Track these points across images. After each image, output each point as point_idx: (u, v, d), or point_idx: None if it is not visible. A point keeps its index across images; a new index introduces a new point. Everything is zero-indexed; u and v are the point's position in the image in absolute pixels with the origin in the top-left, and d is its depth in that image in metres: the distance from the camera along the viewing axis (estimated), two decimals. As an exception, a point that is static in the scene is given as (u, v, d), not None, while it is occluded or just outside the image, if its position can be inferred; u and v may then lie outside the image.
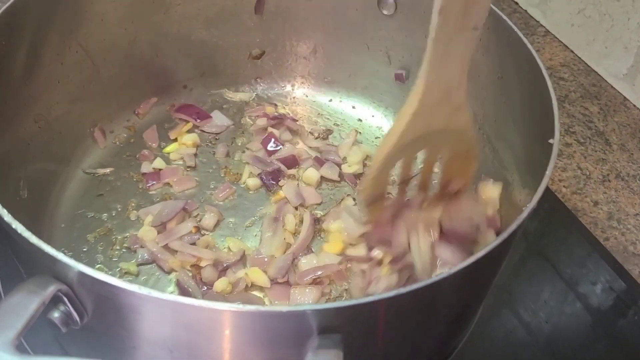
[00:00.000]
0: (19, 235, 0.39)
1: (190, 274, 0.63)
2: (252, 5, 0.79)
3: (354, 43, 0.81)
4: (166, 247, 0.65)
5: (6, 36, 0.57)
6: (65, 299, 0.40)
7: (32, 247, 0.38)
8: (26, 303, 0.36)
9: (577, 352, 0.65)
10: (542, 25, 1.08)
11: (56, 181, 0.69)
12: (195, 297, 0.60)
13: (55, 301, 0.40)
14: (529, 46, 0.60)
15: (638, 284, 0.71)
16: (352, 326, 0.39)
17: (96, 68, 0.72)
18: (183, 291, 0.62)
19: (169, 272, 0.64)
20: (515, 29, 0.63)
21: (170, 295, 0.36)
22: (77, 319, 0.41)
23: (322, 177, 0.74)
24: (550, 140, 0.51)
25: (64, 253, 0.62)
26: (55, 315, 0.40)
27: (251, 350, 0.39)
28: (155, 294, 0.36)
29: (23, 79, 0.61)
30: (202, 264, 0.64)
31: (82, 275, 0.38)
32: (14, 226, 0.39)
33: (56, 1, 0.63)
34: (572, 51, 1.03)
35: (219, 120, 0.81)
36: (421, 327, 0.46)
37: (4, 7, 0.56)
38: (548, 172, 0.47)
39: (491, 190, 0.61)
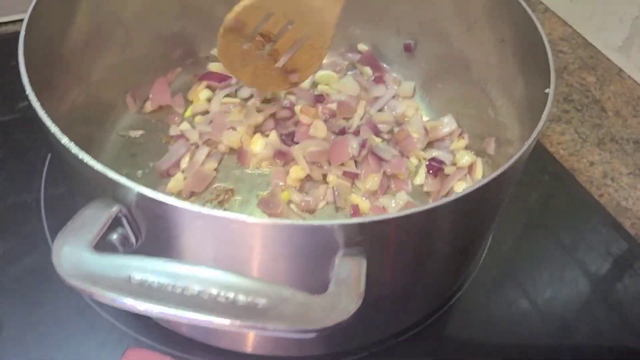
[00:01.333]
0: (85, 164, 0.44)
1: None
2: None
3: (365, 15, 0.87)
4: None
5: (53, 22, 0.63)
6: (124, 221, 0.46)
7: (96, 174, 0.44)
8: (98, 215, 0.42)
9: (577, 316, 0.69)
10: (542, 2, 1.14)
11: (93, 144, 0.75)
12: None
13: (114, 224, 0.46)
14: (529, 10, 0.65)
15: (630, 235, 0.77)
16: (372, 241, 0.45)
17: (129, 37, 0.77)
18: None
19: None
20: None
21: (213, 210, 0.42)
22: (133, 240, 0.47)
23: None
24: (547, 90, 0.56)
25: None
26: (114, 237, 0.46)
27: (285, 260, 0.45)
28: (205, 210, 0.42)
29: (73, 56, 0.66)
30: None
31: (140, 196, 0.44)
32: (80, 157, 0.45)
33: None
34: (570, 26, 1.09)
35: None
36: (428, 249, 0.52)
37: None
38: (545, 114, 0.53)
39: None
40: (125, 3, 0.75)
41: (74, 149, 0.45)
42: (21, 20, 0.53)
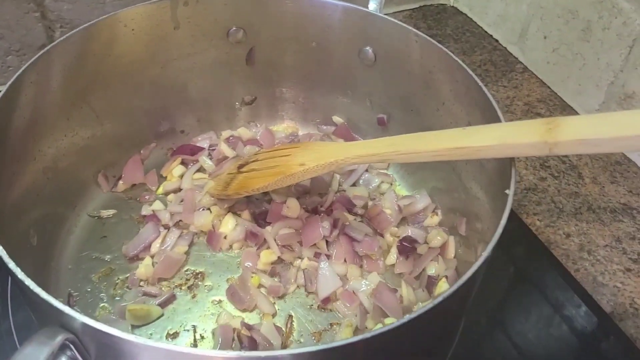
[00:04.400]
0: (31, 291, 0.44)
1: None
2: (243, 58, 0.85)
3: (338, 90, 0.87)
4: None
5: (18, 103, 0.63)
6: (72, 347, 0.45)
7: (43, 301, 0.44)
8: (37, 354, 0.41)
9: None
10: (520, 62, 1.15)
11: (63, 225, 0.75)
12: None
13: (63, 348, 0.45)
14: (493, 101, 0.65)
15: (606, 314, 0.76)
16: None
17: (99, 120, 0.78)
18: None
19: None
20: (476, 79, 0.68)
21: (163, 343, 0.42)
22: (83, 363, 0.46)
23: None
24: (507, 191, 0.56)
25: (71, 293, 0.69)
26: None
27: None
28: (149, 342, 0.42)
29: (33, 136, 0.67)
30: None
31: (85, 325, 0.43)
32: (26, 283, 0.44)
33: (62, 68, 0.69)
34: (548, 87, 1.09)
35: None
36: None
37: (16, 74, 0.62)
38: (502, 222, 0.52)
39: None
40: (92, 84, 0.75)
41: (20, 274, 0.45)
42: None
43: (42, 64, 0.66)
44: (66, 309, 0.43)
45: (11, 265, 0.46)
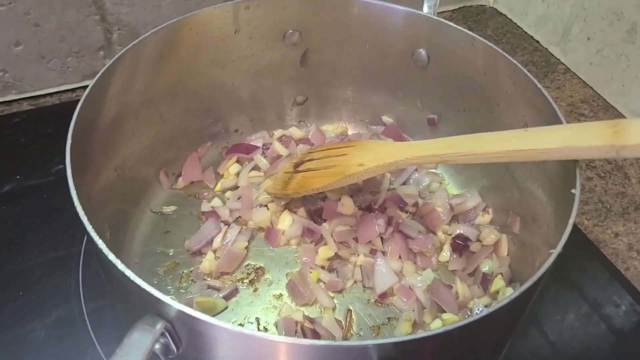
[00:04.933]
0: (131, 281, 0.47)
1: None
2: (297, 59, 0.88)
3: (388, 90, 0.89)
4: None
5: (98, 104, 0.66)
6: (166, 333, 0.48)
7: (142, 290, 0.47)
8: (143, 340, 0.44)
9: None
10: (562, 63, 1.16)
11: (129, 221, 0.78)
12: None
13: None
14: (551, 101, 0.67)
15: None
16: (406, 357, 0.46)
17: (163, 120, 0.81)
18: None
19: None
20: (535, 81, 0.70)
21: (243, 328, 0.45)
22: (175, 349, 0.49)
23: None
24: (573, 190, 0.58)
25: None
26: (157, 347, 0.48)
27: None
28: (232, 327, 0.45)
29: (108, 137, 0.70)
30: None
31: (181, 313, 0.46)
32: (127, 274, 0.47)
33: (134, 69, 0.72)
34: (591, 87, 1.10)
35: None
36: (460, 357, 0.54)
37: (93, 82, 0.65)
38: (571, 221, 0.54)
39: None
40: (159, 85, 0.78)
41: (120, 265, 0.48)
42: (56, 94, 0.55)
43: (118, 65, 0.69)
44: (165, 298, 0.46)
45: (111, 257, 0.48)
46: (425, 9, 0.81)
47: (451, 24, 0.77)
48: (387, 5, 0.79)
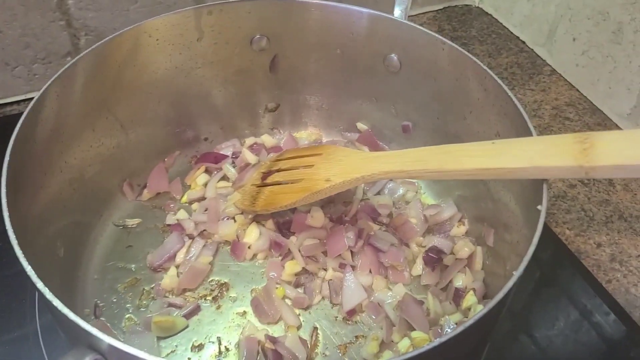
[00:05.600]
0: (59, 312, 0.44)
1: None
2: (267, 65, 0.85)
3: (362, 96, 0.86)
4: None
5: (45, 115, 0.63)
6: (100, 366, 0.45)
7: (71, 322, 0.44)
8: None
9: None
10: (548, 65, 1.12)
11: (89, 235, 0.75)
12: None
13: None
14: (520, 107, 0.63)
15: (636, 324, 0.74)
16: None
17: (124, 130, 0.78)
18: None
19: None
20: (505, 88, 0.66)
21: None
22: (111, 383, 0.46)
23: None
24: (539, 207, 0.55)
25: (97, 303, 0.69)
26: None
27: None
28: None
29: (59, 148, 0.67)
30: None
31: (112, 347, 0.43)
32: (54, 304, 0.44)
33: (89, 78, 0.69)
34: (577, 90, 1.07)
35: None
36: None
37: (39, 94, 0.62)
38: (535, 240, 0.51)
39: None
40: (117, 94, 0.75)
41: (48, 294, 0.45)
42: (23, 102, 0.52)
43: (67, 76, 0.66)
44: (94, 331, 0.43)
45: (39, 285, 0.46)
46: (397, 13, 0.78)
47: (421, 28, 0.74)
48: (351, 8, 0.76)
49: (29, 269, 0.46)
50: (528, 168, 0.56)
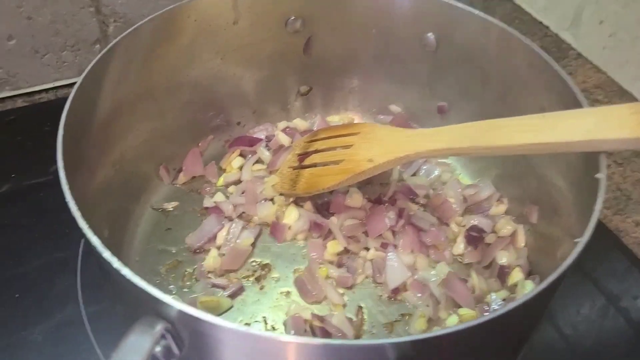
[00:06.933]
0: (128, 280, 0.44)
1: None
2: (300, 47, 0.84)
3: (396, 78, 0.86)
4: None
5: (91, 98, 0.63)
6: (168, 335, 0.45)
7: (140, 290, 0.44)
8: (142, 342, 0.41)
9: None
10: (573, 49, 1.12)
11: (129, 219, 0.75)
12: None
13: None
14: (569, 82, 0.63)
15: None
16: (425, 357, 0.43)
17: (162, 113, 0.78)
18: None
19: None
20: (553, 62, 0.66)
21: (250, 328, 0.42)
22: (177, 352, 0.46)
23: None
24: (598, 175, 0.54)
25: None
26: (157, 349, 0.45)
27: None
28: (238, 327, 0.42)
29: (103, 132, 0.67)
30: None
31: (182, 313, 0.43)
32: (123, 273, 0.44)
33: (129, 60, 0.69)
34: (605, 73, 1.06)
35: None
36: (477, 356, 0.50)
37: (83, 75, 0.61)
38: (597, 207, 0.51)
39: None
40: (156, 77, 0.75)
41: (116, 264, 0.45)
42: (52, 90, 0.53)
43: (110, 58, 0.66)
44: (164, 297, 0.43)
45: (106, 254, 0.45)
46: (434, -9, 0.77)
47: (461, 5, 0.74)
48: (394, -14, 0.75)
49: (94, 239, 0.46)
50: (583, 141, 0.55)
